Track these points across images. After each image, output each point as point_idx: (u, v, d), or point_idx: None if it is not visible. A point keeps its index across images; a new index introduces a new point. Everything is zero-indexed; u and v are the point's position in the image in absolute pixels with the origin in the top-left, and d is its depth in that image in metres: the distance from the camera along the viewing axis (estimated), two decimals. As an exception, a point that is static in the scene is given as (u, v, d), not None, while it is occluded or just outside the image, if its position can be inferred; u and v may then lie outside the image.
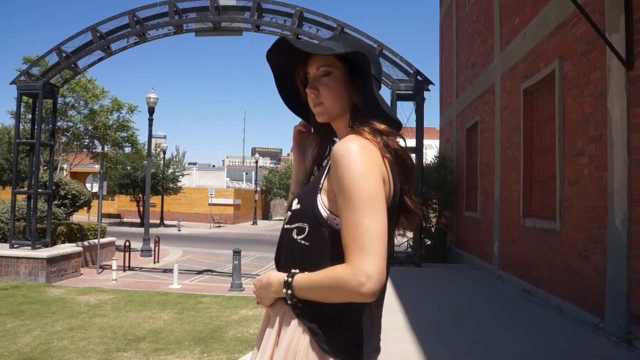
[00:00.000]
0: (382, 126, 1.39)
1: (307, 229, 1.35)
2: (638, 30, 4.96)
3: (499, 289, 8.56)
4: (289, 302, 1.32)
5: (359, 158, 1.25)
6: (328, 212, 1.33)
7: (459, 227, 13.33)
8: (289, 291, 1.31)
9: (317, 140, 1.60)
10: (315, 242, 1.33)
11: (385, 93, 11.88)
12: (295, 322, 1.33)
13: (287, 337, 1.33)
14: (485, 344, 5.20)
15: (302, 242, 1.35)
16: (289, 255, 1.38)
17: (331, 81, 1.42)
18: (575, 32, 6.38)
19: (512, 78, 9.04)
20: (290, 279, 1.31)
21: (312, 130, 1.61)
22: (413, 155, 11.47)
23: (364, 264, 1.19)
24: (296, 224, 1.37)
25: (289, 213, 1.42)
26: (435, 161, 14.82)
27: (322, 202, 1.35)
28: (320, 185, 1.37)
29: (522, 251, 8.26)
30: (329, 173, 1.33)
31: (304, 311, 1.32)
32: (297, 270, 1.33)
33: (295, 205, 1.40)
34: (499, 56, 9.82)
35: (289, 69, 1.52)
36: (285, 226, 1.42)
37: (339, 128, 1.50)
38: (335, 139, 1.56)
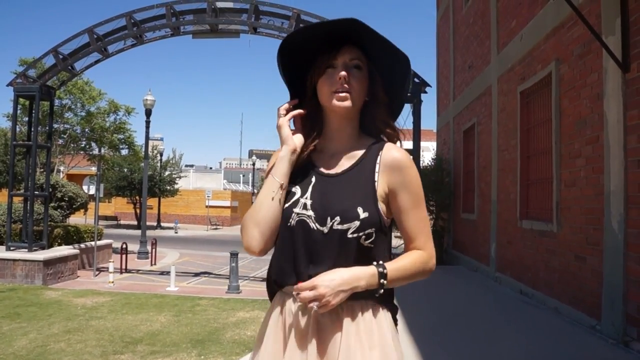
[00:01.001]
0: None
1: (374, 234, 1.47)
2: (634, 33, 4.98)
3: (495, 291, 8.57)
4: (380, 291, 1.45)
5: (415, 169, 1.55)
6: (386, 219, 1.52)
7: (456, 229, 13.35)
8: (384, 281, 1.44)
9: (301, 127, 1.59)
10: (379, 243, 1.50)
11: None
12: (382, 309, 1.51)
13: (386, 323, 1.50)
14: (482, 346, 5.20)
15: (370, 245, 1.47)
16: (341, 255, 1.45)
17: (362, 75, 1.52)
18: (572, 34, 6.41)
19: (508, 80, 9.06)
20: (384, 270, 1.45)
21: (304, 111, 1.58)
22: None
23: (433, 249, 1.57)
24: (366, 231, 1.45)
25: (356, 224, 1.45)
26: (432, 163, 14.83)
27: (382, 210, 1.50)
28: (377, 195, 1.50)
29: (519, 253, 8.27)
30: (384, 179, 1.51)
31: (384, 297, 1.49)
32: (380, 262, 1.47)
33: (363, 214, 1.45)
34: (496, 58, 9.85)
35: (306, 52, 1.55)
36: (335, 227, 1.45)
37: (347, 119, 1.56)
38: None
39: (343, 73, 1.47)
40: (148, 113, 19.32)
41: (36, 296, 9.39)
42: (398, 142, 1.58)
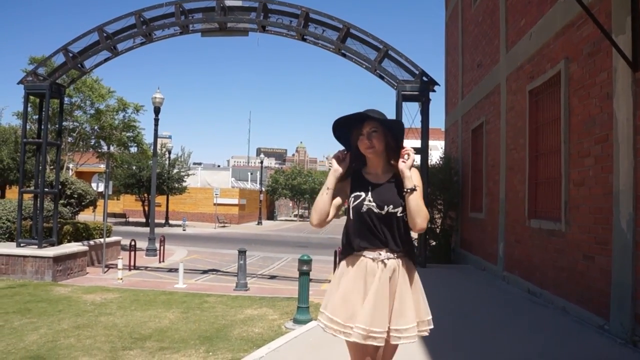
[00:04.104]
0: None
1: (406, 213, 2.61)
2: (644, 32, 4.96)
3: (503, 290, 8.55)
4: (410, 189, 2.56)
5: (415, 171, 2.66)
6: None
7: (464, 228, 13.32)
8: (415, 190, 2.58)
9: (348, 163, 2.72)
10: (405, 216, 2.62)
11: (390, 94, 11.89)
12: (411, 261, 2.70)
13: (415, 270, 2.73)
14: (489, 345, 5.20)
15: (405, 218, 2.62)
16: (393, 225, 2.61)
17: (379, 136, 2.66)
18: (582, 33, 6.38)
19: (517, 79, 9.03)
20: (415, 188, 2.58)
21: (349, 156, 2.72)
22: (418, 157, 11.45)
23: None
24: (404, 212, 2.60)
25: (400, 208, 2.61)
26: (441, 162, 14.79)
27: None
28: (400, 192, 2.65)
29: (527, 252, 8.25)
30: (402, 178, 2.60)
31: (412, 256, 2.71)
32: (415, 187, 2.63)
33: (402, 203, 2.60)
34: (505, 57, 9.82)
35: (348, 126, 2.71)
36: (391, 211, 2.60)
37: (378, 157, 2.71)
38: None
39: (365, 139, 2.65)
40: (157, 111, 19.39)
41: (46, 292, 9.48)
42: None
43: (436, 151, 17.65)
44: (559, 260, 6.91)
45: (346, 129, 2.72)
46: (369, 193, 2.63)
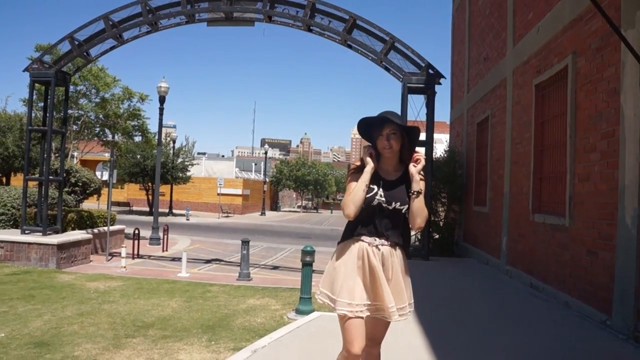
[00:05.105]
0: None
1: (408, 210, 2.84)
2: (653, 26, 4.91)
3: (506, 284, 8.56)
4: (417, 192, 2.80)
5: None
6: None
7: (468, 222, 13.31)
8: (420, 193, 2.81)
9: (375, 158, 2.92)
10: (407, 213, 2.85)
11: (396, 86, 11.85)
12: (404, 250, 2.94)
13: (405, 258, 2.94)
14: (491, 338, 5.21)
15: (405, 213, 2.85)
16: (398, 220, 2.86)
17: (397, 138, 2.86)
18: (590, 27, 6.33)
19: (524, 73, 8.98)
20: (421, 191, 2.81)
21: (374, 153, 2.92)
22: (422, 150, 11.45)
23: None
24: (406, 206, 2.83)
25: (406, 206, 2.83)
26: (445, 155, 14.76)
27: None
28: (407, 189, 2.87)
29: (530, 246, 8.25)
30: (412, 181, 2.81)
31: (406, 247, 2.95)
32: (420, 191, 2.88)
33: (406, 199, 2.83)
34: (512, 50, 9.76)
35: (370, 125, 2.94)
36: (397, 207, 2.83)
37: (393, 156, 2.91)
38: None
39: (384, 140, 2.86)
40: (162, 100, 19.39)
41: (50, 279, 9.53)
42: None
43: (441, 144, 17.59)
44: (563, 255, 6.90)
45: (368, 127, 2.96)
46: (381, 188, 2.85)
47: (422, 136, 11.20)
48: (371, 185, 2.85)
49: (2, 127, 19.37)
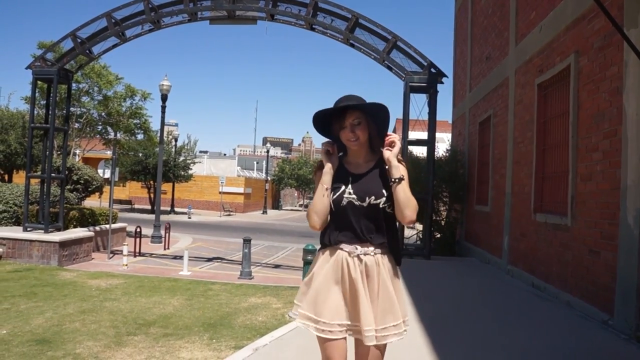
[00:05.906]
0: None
1: (392, 204, 2.47)
2: (657, 26, 4.90)
3: (508, 283, 8.55)
4: (397, 179, 2.43)
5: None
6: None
7: (469, 221, 13.30)
8: (402, 179, 2.45)
9: (336, 154, 2.60)
10: (393, 210, 2.48)
11: (398, 85, 11.84)
12: (391, 257, 2.53)
13: (395, 265, 2.54)
14: (493, 338, 5.21)
15: (390, 211, 2.49)
16: (377, 218, 2.48)
17: (363, 127, 2.50)
18: (592, 26, 6.32)
19: (526, 72, 8.97)
20: (403, 178, 2.46)
21: (336, 148, 2.59)
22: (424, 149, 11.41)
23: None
24: (388, 203, 2.47)
25: (383, 199, 2.46)
26: (447, 154, 14.75)
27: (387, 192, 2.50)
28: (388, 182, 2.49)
29: (532, 246, 8.24)
30: (389, 167, 2.47)
31: (395, 253, 2.55)
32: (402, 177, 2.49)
33: (386, 193, 2.47)
34: (514, 50, 9.75)
35: (327, 117, 2.55)
36: (372, 202, 2.45)
37: (361, 148, 2.56)
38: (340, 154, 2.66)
39: (348, 132, 2.49)
40: (164, 98, 19.41)
41: (52, 276, 9.54)
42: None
43: (443, 143, 17.56)
44: (564, 255, 6.90)
45: (327, 119, 2.57)
46: (349, 185, 2.48)
47: (424, 135, 11.23)
48: (337, 184, 2.49)
49: (4, 125, 19.37)
